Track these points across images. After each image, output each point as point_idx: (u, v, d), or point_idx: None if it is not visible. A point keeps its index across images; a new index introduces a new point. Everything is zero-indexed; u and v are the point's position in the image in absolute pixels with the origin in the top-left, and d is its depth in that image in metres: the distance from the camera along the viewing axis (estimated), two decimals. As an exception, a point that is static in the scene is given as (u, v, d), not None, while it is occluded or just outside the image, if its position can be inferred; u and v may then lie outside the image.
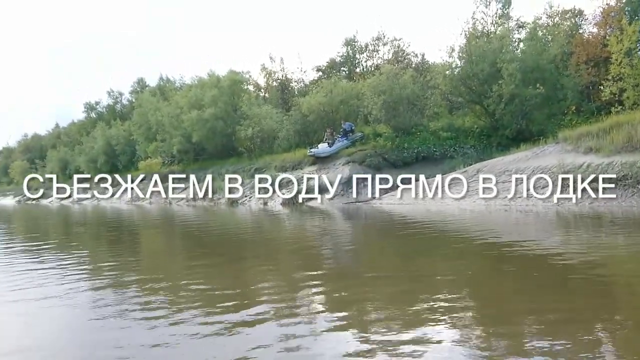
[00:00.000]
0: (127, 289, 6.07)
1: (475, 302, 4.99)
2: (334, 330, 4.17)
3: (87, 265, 8.20)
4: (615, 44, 18.14)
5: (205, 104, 31.35)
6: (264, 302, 5.11)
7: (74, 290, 5.96)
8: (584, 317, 4.28)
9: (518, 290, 5.32)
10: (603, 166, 13.09)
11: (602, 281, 5.55)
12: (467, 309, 4.67)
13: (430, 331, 3.97)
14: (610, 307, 4.61)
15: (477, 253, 7.60)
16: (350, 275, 6.52)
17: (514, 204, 13.89)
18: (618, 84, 17.85)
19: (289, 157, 25.91)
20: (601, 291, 5.14)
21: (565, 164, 13.82)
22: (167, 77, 51.27)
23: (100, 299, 5.51)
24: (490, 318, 4.40)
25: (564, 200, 13.06)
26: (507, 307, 4.76)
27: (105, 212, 25.53)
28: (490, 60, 23.28)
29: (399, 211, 15.58)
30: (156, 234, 14.11)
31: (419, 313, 4.52)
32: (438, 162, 22.15)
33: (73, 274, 7.09)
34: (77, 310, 5.19)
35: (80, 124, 59.95)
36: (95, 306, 5.23)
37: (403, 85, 23.83)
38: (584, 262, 6.46)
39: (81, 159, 48.40)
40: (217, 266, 7.53)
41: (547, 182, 13.90)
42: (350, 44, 38.08)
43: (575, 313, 4.42)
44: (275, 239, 11.23)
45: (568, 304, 4.71)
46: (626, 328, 3.98)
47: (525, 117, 22.26)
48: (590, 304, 4.68)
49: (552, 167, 14.36)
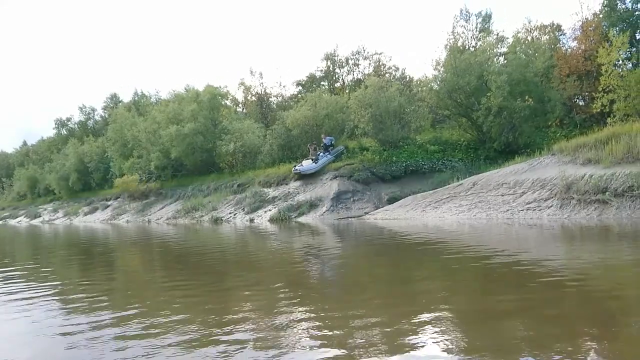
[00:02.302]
0: (99, 316, 5.57)
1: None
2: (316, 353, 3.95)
3: (56, 294, 7.36)
4: (605, 55, 18.09)
5: (184, 118, 30.45)
6: (244, 328, 4.78)
7: (42, 320, 5.58)
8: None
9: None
10: (606, 177, 12.77)
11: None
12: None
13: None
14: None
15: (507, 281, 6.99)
16: (340, 302, 5.86)
17: (517, 218, 13.43)
18: (608, 95, 17.75)
19: (273, 172, 25.20)
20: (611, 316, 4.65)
21: (566, 176, 13.46)
22: (142, 92, 50.19)
23: (70, 330, 5.10)
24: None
25: (570, 213, 12.66)
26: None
27: (78, 233, 24.20)
28: (477, 73, 23.19)
29: (395, 227, 14.96)
30: (131, 256, 13.09)
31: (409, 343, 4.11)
32: (427, 175, 21.81)
33: (41, 302, 6.55)
34: (45, 340, 4.82)
35: (50, 141, 58.04)
36: (66, 337, 4.85)
37: (389, 98, 23.47)
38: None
39: (51, 177, 46.62)
40: (195, 293, 6.88)
41: (549, 194, 13.52)
42: (330, 58, 37.80)
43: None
44: (260, 259, 10.42)
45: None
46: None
47: (513, 129, 22.11)
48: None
49: (552, 179, 14.00)
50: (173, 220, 26.13)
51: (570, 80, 24.74)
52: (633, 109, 17.24)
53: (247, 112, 38.26)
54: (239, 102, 40.47)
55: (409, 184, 21.33)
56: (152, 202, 31.17)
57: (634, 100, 17.26)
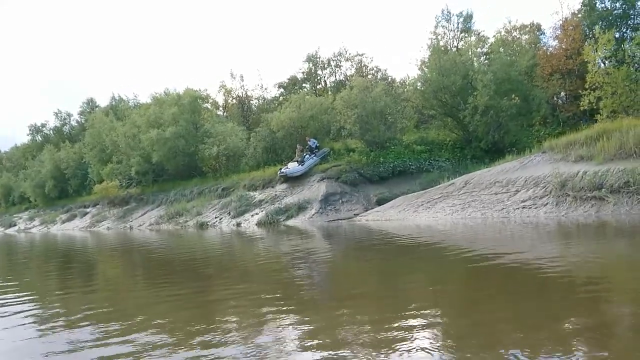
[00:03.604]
0: (79, 329, 5.27)
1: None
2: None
3: (32, 307, 6.91)
4: (590, 53, 18.14)
5: (165, 122, 29.77)
6: (231, 340, 4.54)
7: (19, 333, 5.27)
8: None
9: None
10: (600, 174, 12.68)
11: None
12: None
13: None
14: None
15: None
16: (333, 308, 5.55)
17: (513, 216, 13.26)
18: (595, 92, 17.78)
19: (258, 175, 24.74)
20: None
21: (560, 173, 13.36)
22: (120, 96, 49.20)
23: (48, 342, 4.89)
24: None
25: (567, 210, 12.54)
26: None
27: (56, 241, 23.35)
28: (462, 72, 23.14)
29: (388, 228, 14.67)
30: (114, 265, 12.50)
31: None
32: (415, 176, 21.64)
33: (16, 316, 6.16)
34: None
35: (24, 147, 56.54)
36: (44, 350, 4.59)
37: (375, 99, 23.24)
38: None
39: (27, 184, 45.29)
40: (178, 302, 6.55)
41: (544, 192, 13.39)
42: (312, 59, 37.50)
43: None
44: (248, 265, 9.99)
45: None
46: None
47: (499, 128, 22.09)
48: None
49: (545, 177, 13.89)
50: (156, 226, 25.45)
51: (554, 78, 24.87)
52: (620, 105, 17.28)
53: (228, 115, 37.72)
54: (219, 106, 39.92)
55: (397, 185, 21.11)
56: (133, 208, 30.38)
57: (620, 97, 17.30)
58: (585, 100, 18.15)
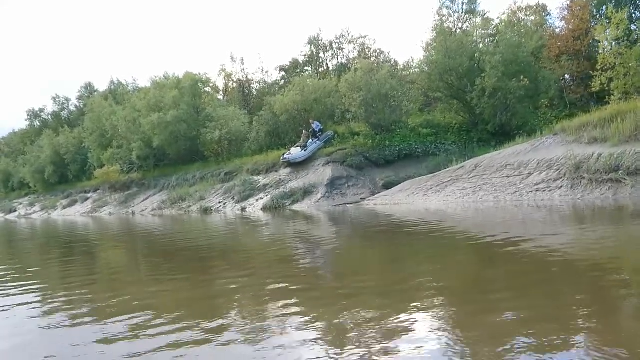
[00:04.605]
0: (80, 319, 5.08)
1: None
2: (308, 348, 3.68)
3: (33, 292, 6.80)
4: (602, 33, 17.72)
5: (166, 106, 29.32)
6: (235, 326, 4.43)
7: (22, 320, 5.20)
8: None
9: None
10: (616, 156, 12.39)
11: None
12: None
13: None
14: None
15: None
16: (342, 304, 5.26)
17: (526, 199, 12.99)
18: (606, 73, 17.41)
19: (262, 159, 24.44)
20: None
21: (574, 155, 13.06)
22: (119, 80, 48.64)
23: (52, 329, 4.81)
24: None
25: (582, 193, 12.27)
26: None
27: (57, 227, 23.08)
28: (469, 54, 22.73)
29: (397, 212, 14.42)
30: (116, 251, 12.25)
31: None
32: (421, 159, 21.36)
33: (19, 301, 6.12)
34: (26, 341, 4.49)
35: (22, 132, 56.03)
36: (47, 336, 4.62)
37: (380, 81, 22.83)
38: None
39: (26, 170, 44.92)
40: (179, 291, 6.29)
41: (558, 174, 13.11)
42: (314, 42, 36.93)
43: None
44: (251, 251, 9.72)
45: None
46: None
47: (507, 110, 21.74)
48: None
49: (559, 159, 13.61)
50: (159, 211, 25.19)
51: (563, 60, 24.47)
52: (632, 86, 16.91)
53: (228, 100, 37.26)
54: (219, 90, 39.44)
55: (403, 169, 20.83)
56: (134, 193, 30.09)
57: (633, 78, 16.93)
58: (596, 82, 17.79)
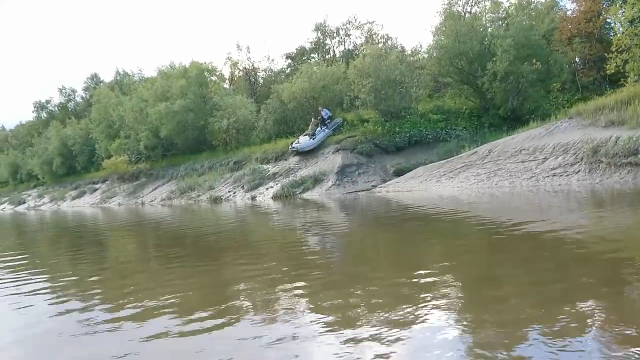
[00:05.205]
0: (91, 308, 5.09)
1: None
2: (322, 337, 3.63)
3: (44, 280, 6.88)
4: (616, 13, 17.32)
5: (173, 95, 29.15)
6: (244, 317, 4.34)
7: (33, 306, 5.28)
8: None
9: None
10: (635, 139, 12.10)
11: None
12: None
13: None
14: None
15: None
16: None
17: (543, 184, 12.78)
18: (622, 55, 17.03)
19: (270, 147, 24.28)
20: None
21: (592, 139, 12.80)
22: (125, 70, 48.45)
23: (64, 314, 4.89)
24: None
25: (601, 177, 12.05)
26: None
27: (67, 218, 23.08)
28: (479, 37, 22.37)
29: (409, 199, 14.24)
30: (123, 241, 12.20)
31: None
32: (432, 145, 21.14)
33: (29, 289, 6.17)
34: (39, 327, 4.56)
35: (29, 124, 56.04)
36: (60, 322, 4.69)
37: (389, 67, 22.52)
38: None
39: (34, 161, 44.98)
40: (190, 279, 6.26)
41: (575, 158, 12.87)
42: (320, 28, 36.52)
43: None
44: (264, 242, 9.50)
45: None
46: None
47: (518, 95, 21.42)
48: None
49: (575, 143, 13.35)
50: (168, 201, 25.14)
51: (575, 42, 24.04)
52: (649, 68, 16.55)
53: (235, 88, 37.03)
54: (225, 78, 39.19)
55: (414, 155, 20.63)
56: (143, 184, 30.05)
57: (650, 59, 16.55)
58: (611, 64, 17.40)
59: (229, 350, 3.53)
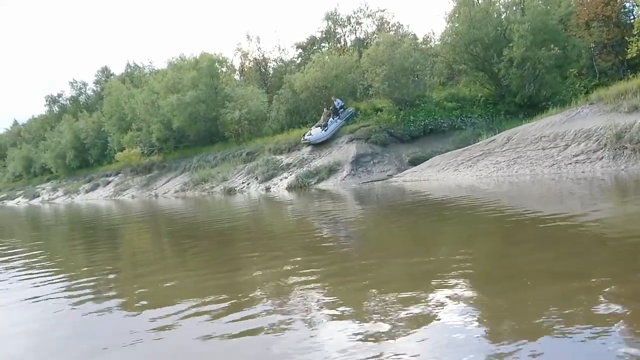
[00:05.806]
0: (107, 300, 5.12)
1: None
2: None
3: (57, 274, 6.77)
4: (639, -5, 16.87)
5: (184, 87, 29.04)
6: (259, 310, 4.18)
7: (46, 299, 5.23)
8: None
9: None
10: (661, 124, 11.80)
11: None
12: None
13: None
14: None
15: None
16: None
17: (565, 172, 12.50)
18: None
19: (283, 138, 24.13)
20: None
21: (616, 124, 12.48)
22: (135, 63, 48.43)
23: (78, 306, 4.88)
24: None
25: (626, 164, 11.74)
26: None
27: (81, 211, 23.15)
28: (495, 23, 21.95)
29: (427, 189, 14.02)
30: (138, 233, 12.15)
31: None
32: (447, 134, 20.86)
33: (43, 282, 6.14)
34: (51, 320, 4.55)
35: (42, 118, 56.38)
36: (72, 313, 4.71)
37: (404, 55, 22.19)
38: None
39: (47, 155, 45.24)
40: (205, 270, 6.22)
41: (598, 145, 12.56)
42: (331, 17, 36.19)
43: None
44: (279, 231, 9.44)
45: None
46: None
47: (535, 81, 21.02)
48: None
49: (598, 129, 13.03)
50: (182, 193, 25.12)
51: (594, 26, 23.51)
52: (672, 51, 16.14)
53: (245, 79, 36.84)
54: (235, 69, 38.99)
55: (429, 144, 20.35)
56: (156, 176, 30.08)
57: (672, 42, 16.14)
58: (632, 48, 17.02)
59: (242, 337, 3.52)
